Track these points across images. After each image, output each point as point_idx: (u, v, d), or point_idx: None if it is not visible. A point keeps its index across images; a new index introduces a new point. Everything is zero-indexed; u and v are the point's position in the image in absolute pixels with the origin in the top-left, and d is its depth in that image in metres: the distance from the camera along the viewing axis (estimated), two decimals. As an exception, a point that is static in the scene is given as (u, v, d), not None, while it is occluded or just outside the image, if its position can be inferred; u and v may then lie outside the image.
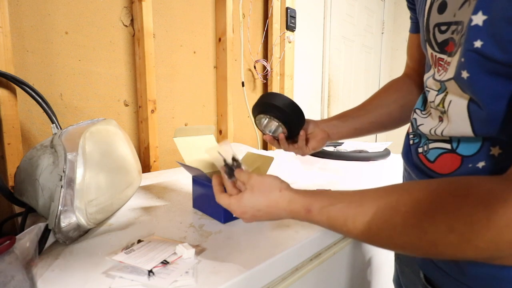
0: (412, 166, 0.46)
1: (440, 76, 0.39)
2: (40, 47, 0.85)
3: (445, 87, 0.38)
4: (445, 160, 0.39)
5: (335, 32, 2.10)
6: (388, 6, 2.76)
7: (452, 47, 0.36)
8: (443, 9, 0.38)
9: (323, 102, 2.05)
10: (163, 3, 1.12)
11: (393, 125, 0.62)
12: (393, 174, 1.04)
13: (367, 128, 0.61)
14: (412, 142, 0.47)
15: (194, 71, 1.26)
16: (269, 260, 0.45)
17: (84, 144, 0.51)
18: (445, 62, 0.38)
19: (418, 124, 0.45)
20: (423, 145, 0.44)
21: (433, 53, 0.41)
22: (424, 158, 0.43)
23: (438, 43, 0.39)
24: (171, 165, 1.19)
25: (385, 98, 0.61)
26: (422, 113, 0.46)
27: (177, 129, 0.62)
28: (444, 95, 0.38)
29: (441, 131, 0.39)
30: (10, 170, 0.76)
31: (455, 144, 0.38)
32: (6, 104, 0.75)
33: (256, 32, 1.51)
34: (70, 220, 0.46)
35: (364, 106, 0.63)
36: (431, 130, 0.41)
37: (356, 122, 0.61)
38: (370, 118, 0.61)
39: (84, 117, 0.96)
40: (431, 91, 0.42)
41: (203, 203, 0.64)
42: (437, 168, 0.40)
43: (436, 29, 0.39)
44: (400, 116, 0.61)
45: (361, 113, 0.61)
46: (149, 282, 0.38)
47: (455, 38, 0.35)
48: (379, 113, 0.60)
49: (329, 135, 0.61)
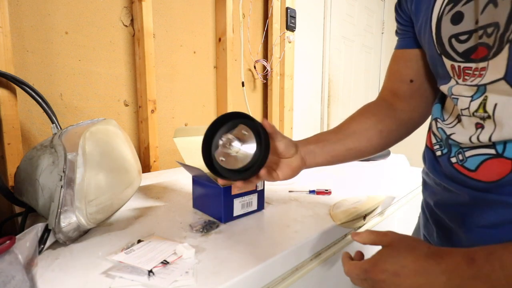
0: (445, 178, 0.43)
1: (473, 82, 0.37)
2: (40, 47, 0.85)
3: (484, 91, 0.36)
4: (490, 167, 0.36)
5: (335, 32, 2.10)
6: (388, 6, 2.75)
7: (483, 52, 0.35)
8: (459, 19, 0.37)
9: (323, 102, 2.04)
10: (163, 3, 1.12)
11: (371, 152, 0.56)
12: (393, 174, 1.04)
13: (344, 155, 0.54)
14: (441, 153, 0.44)
15: (194, 71, 1.26)
16: (269, 260, 0.45)
17: (84, 144, 0.51)
18: (475, 69, 0.36)
19: (448, 133, 0.42)
20: (455, 155, 0.41)
21: (454, 65, 0.39)
22: (462, 167, 0.40)
23: (460, 53, 0.38)
24: (171, 165, 1.19)
25: (363, 123, 0.55)
26: (445, 122, 0.44)
27: (177, 129, 0.62)
28: (483, 100, 0.36)
29: (487, 137, 0.36)
30: (10, 170, 0.76)
31: (500, 147, 0.35)
32: (6, 104, 0.75)
33: (256, 32, 1.51)
34: (70, 220, 0.46)
35: (342, 130, 0.56)
36: (471, 138, 0.38)
37: (333, 148, 0.53)
38: (348, 144, 0.54)
39: (84, 117, 0.96)
40: (460, 97, 0.39)
41: (203, 203, 0.64)
42: (481, 176, 0.37)
43: (453, 40, 0.38)
44: (378, 142, 0.55)
45: (339, 137, 0.54)
46: (149, 282, 0.38)
47: (488, 42, 0.34)
48: (357, 138, 0.54)
49: (306, 163, 0.51)
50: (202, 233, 0.53)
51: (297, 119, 1.78)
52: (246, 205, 0.61)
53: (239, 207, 0.60)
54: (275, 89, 1.57)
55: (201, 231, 0.54)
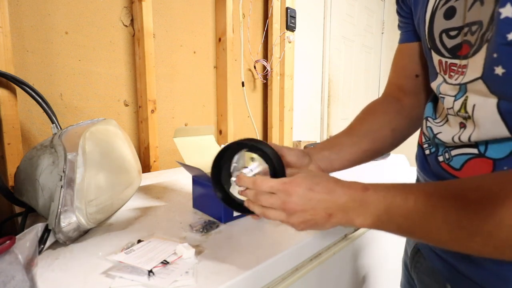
0: (434, 177, 0.43)
1: (456, 80, 0.37)
2: (40, 47, 0.85)
3: (465, 90, 0.36)
4: (473, 166, 0.36)
5: (335, 32, 2.10)
6: (388, 6, 2.75)
7: (466, 50, 0.35)
8: (452, 14, 0.37)
9: (323, 102, 2.04)
10: (163, 3, 1.12)
11: (385, 151, 0.56)
12: (393, 174, 1.04)
13: (360, 158, 0.54)
14: (429, 152, 0.45)
15: (194, 71, 1.26)
16: (269, 260, 0.45)
17: (84, 144, 0.51)
18: (459, 66, 0.36)
19: (435, 132, 0.43)
20: (442, 153, 0.41)
21: (442, 60, 0.39)
22: (448, 166, 0.40)
23: (448, 48, 0.38)
24: (171, 165, 1.19)
25: (375, 123, 0.55)
26: (435, 121, 0.44)
27: (177, 129, 0.62)
28: (464, 100, 0.36)
29: (467, 137, 0.36)
30: (10, 170, 0.76)
31: (482, 147, 0.35)
32: (6, 104, 0.75)
33: (256, 32, 1.51)
34: (70, 220, 0.46)
35: (354, 131, 0.55)
36: (453, 138, 0.38)
37: (349, 152, 0.53)
38: (363, 146, 0.53)
39: (84, 117, 0.96)
40: (446, 97, 0.39)
41: (203, 203, 0.64)
42: (465, 175, 0.37)
43: (444, 35, 0.38)
44: (392, 141, 0.55)
45: (354, 140, 0.53)
46: (149, 282, 0.38)
47: (470, 40, 0.34)
48: (372, 139, 0.53)
49: (323, 171, 0.50)
50: (202, 233, 0.53)
51: (297, 119, 1.77)
52: None
53: (239, 207, 0.60)
54: (275, 89, 1.57)
55: (201, 231, 0.54)
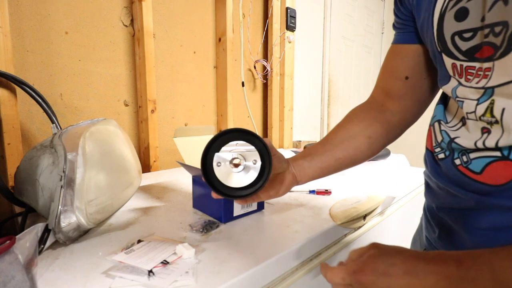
0: (450, 182, 0.41)
1: (478, 83, 0.35)
2: (40, 47, 0.85)
3: (490, 94, 0.34)
4: (496, 170, 0.35)
5: (335, 32, 2.10)
6: (388, 6, 2.75)
7: (488, 52, 0.34)
8: (464, 16, 0.35)
9: (323, 102, 2.04)
10: (163, 3, 1.12)
11: (361, 159, 0.55)
12: (393, 174, 1.04)
13: (334, 166, 0.53)
14: (443, 155, 0.42)
15: (194, 71, 1.26)
16: (269, 260, 0.45)
17: (84, 144, 0.51)
18: (479, 69, 0.35)
19: (452, 137, 0.40)
20: (459, 156, 0.39)
21: (456, 63, 0.38)
22: (467, 170, 0.38)
23: (463, 51, 0.36)
24: (171, 165, 1.19)
25: (351, 130, 0.54)
26: (448, 125, 0.42)
27: (177, 129, 0.62)
28: (489, 103, 0.34)
29: (494, 142, 0.34)
30: (10, 170, 0.76)
31: (506, 150, 0.34)
32: (6, 104, 0.75)
33: (256, 32, 1.51)
34: (70, 220, 0.46)
35: (329, 140, 0.54)
36: (476, 143, 0.36)
37: (321, 160, 0.52)
38: (336, 154, 0.52)
39: (84, 117, 0.96)
40: (466, 100, 0.37)
41: (203, 203, 0.64)
42: (487, 179, 0.36)
43: (456, 38, 0.37)
44: (368, 148, 0.53)
45: (327, 148, 0.53)
46: (149, 282, 0.38)
47: (494, 41, 0.33)
48: (345, 147, 0.53)
49: (297, 178, 0.50)
50: (202, 233, 0.53)
51: (297, 119, 1.78)
52: (246, 205, 0.61)
53: (239, 207, 0.60)
54: (275, 89, 1.57)
55: (201, 231, 0.54)
